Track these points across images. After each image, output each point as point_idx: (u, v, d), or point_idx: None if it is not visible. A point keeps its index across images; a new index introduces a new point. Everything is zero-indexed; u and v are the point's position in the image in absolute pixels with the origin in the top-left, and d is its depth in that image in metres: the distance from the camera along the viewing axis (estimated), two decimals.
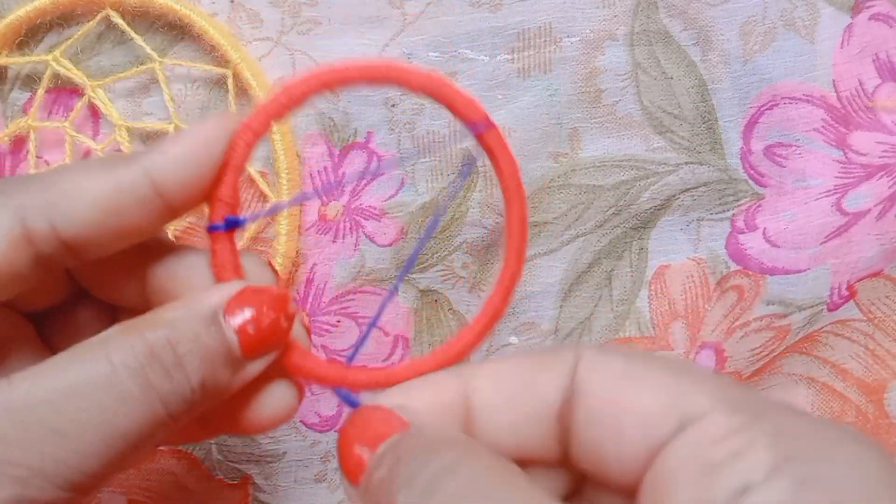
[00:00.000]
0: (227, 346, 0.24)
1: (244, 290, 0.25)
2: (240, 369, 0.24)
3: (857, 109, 0.39)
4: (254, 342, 0.24)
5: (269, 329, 0.24)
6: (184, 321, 0.24)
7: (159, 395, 0.23)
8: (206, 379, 0.24)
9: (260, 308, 0.24)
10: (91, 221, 0.23)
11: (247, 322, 0.24)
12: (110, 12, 0.37)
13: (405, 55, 0.38)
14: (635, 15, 0.38)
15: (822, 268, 0.40)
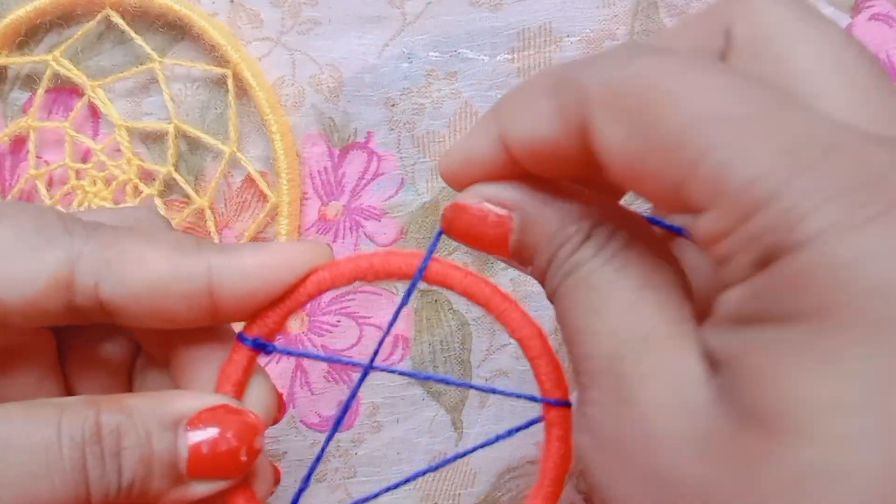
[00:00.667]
0: (174, 458, 0.23)
1: (218, 407, 0.23)
2: (179, 485, 0.23)
3: None
4: (205, 463, 0.23)
5: (226, 456, 0.23)
6: (143, 415, 0.23)
7: (86, 478, 0.22)
8: (136, 481, 0.22)
9: (225, 431, 0.23)
10: (135, 295, 0.23)
11: (204, 441, 0.23)
12: (110, 12, 0.37)
13: (405, 55, 0.38)
14: (635, 15, 0.38)
15: None
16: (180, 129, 0.38)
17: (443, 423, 0.40)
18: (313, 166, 0.39)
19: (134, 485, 0.23)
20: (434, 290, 0.40)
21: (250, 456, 0.23)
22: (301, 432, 0.40)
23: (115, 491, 0.22)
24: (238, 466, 0.23)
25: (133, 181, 0.39)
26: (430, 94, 0.38)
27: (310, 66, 0.38)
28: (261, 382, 0.25)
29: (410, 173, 0.39)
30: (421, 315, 0.40)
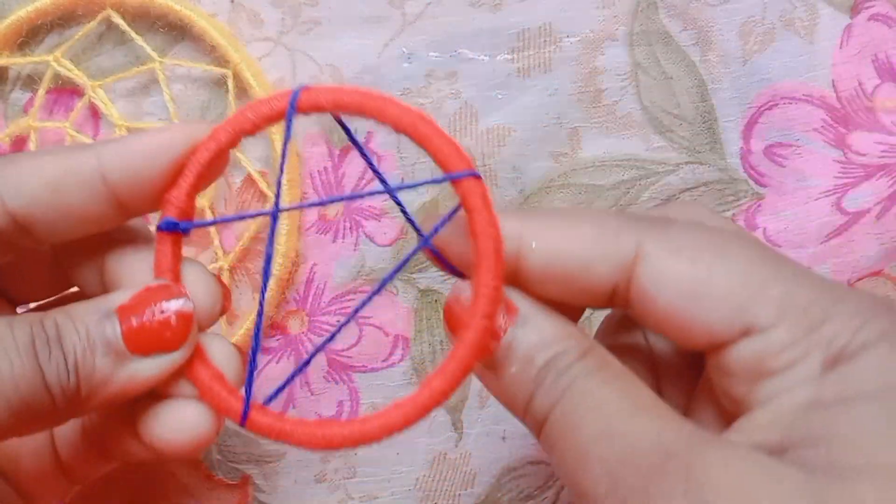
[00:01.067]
0: (110, 335, 0.24)
1: (142, 290, 0.25)
2: (123, 361, 0.24)
3: (857, 109, 0.39)
4: (137, 336, 0.24)
5: (156, 325, 0.24)
6: (80, 312, 0.24)
7: (38, 359, 0.23)
8: (80, 360, 0.24)
9: (148, 303, 0.24)
10: (38, 198, 0.24)
11: (133, 316, 0.24)
12: (111, 13, 0.38)
13: (405, 55, 0.38)
14: (635, 15, 0.38)
15: (822, 267, 0.40)
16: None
17: (443, 424, 0.40)
18: (313, 166, 0.39)
19: (80, 365, 0.24)
20: (434, 290, 0.40)
21: (181, 321, 0.25)
22: None
23: (65, 373, 0.24)
24: (173, 333, 0.24)
25: None
26: (430, 94, 0.38)
27: (310, 66, 0.38)
28: (193, 267, 0.26)
29: (410, 173, 0.39)
30: (421, 315, 0.40)
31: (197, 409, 0.25)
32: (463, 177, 0.24)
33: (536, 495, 0.41)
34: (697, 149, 0.39)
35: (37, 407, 0.23)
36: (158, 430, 0.25)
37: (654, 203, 0.40)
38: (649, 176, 0.39)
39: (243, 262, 0.39)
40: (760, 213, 0.40)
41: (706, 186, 0.40)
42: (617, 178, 0.39)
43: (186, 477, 0.40)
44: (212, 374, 0.25)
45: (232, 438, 0.40)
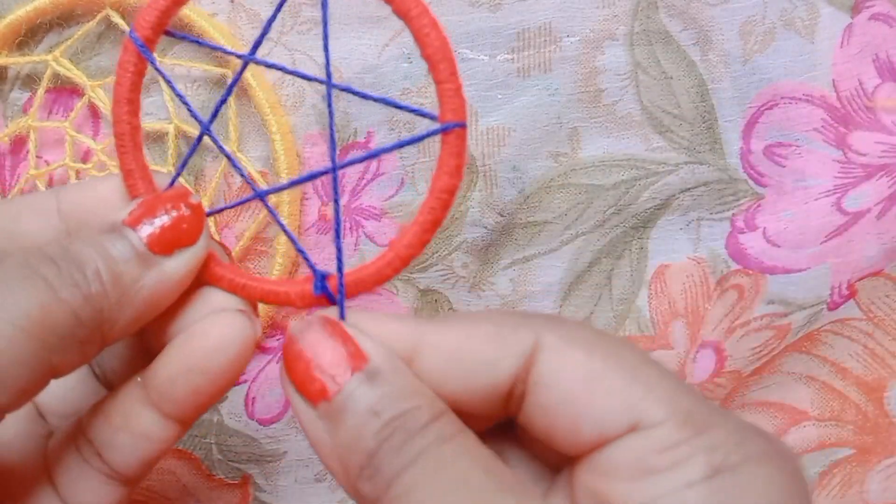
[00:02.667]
0: (129, 244, 0.24)
1: (145, 200, 0.25)
2: (150, 265, 0.24)
3: (857, 109, 0.39)
4: (157, 236, 0.24)
5: (173, 222, 0.25)
6: (81, 233, 0.24)
7: (44, 278, 0.22)
8: (100, 267, 0.23)
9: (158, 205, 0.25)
10: None
11: (146, 220, 0.24)
12: (110, 12, 0.37)
13: (405, 55, 0.38)
14: (635, 15, 0.38)
15: (822, 267, 0.40)
16: (180, 130, 0.38)
17: None
18: (313, 166, 0.39)
19: (100, 272, 0.23)
20: (434, 289, 0.40)
21: (194, 210, 0.25)
22: (301, 432, 0.40)
23: (85, 284, 0.23)
24: (189, 224, 0.25)
25: None
26: (430, 94, 0.38)
27: (310, 66, 0.38)
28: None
29: (410, 173, 0.39)
30: (421, 315, 0.40)
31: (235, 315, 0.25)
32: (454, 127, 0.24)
33: None
34: (697, 149, 0.39)
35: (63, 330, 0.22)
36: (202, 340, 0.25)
37: (654, 203, 0.40)
38: (649, 176, 0.39)
39: (244, 261, 0.39)
40: (760, 213, 0.40)
41: (706, 186, 0.40)
42: (617, 178, 0.39)
43: (186, 477, 0.40)
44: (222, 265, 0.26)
45: (232, 438, 0.40)
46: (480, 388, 0.23)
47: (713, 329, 0.41)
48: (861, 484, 0.45)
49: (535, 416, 0.23)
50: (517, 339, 0.23)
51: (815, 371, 0.44)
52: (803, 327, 0.42)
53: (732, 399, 0.43)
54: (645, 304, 0.41)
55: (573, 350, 0.23)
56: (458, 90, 0.24)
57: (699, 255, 0.41)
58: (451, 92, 0.24)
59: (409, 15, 0.23)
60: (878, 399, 0.44)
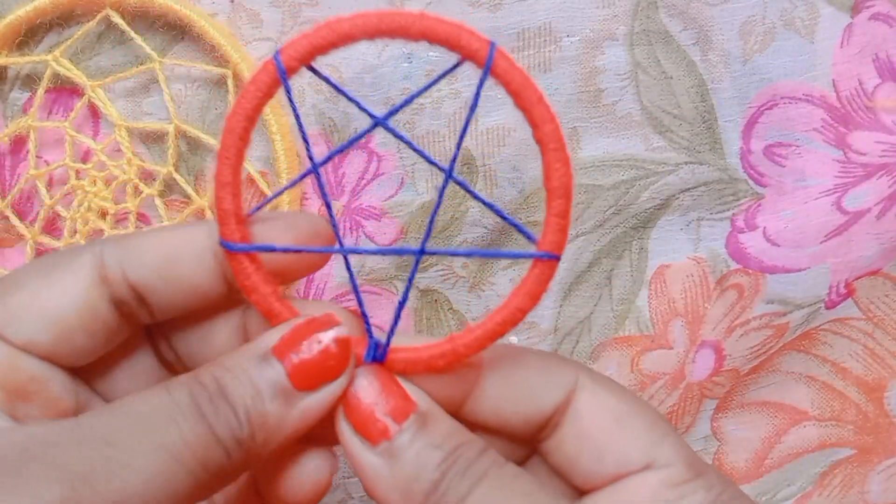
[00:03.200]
0: (274, 377, 0.24)
1: (292, 329, 0.25)
2: (293, 401, 0.24)
3: (857, 109, 0.39)
4: (303, 371, 0.24)
5: (320, 358, 0.24)
6: (235, 361, 0.24)
7: (208, 421, 0.23)
8: (250, 409, 0.24)
9: (306, 336, 0.24)
10: (155, 267, 0.25)
11: (293, 354, 0.24)
12: (110, 12, 0.37)
13: (405, 55, 0.38)
14: (635, 15, 0.38)
15: (821, 267, 0.40)
16: (181, 129, 0.38)
17: None
18: None
19: (251, 414, 0.24)
20: (434, 289, 0.40)
21: (341, 346, 0.25)
22: None
23: (237, 426, 0.23)
24: (336, 361, 0.25)
25: (133, 181, 0.39)
26: (429, 93, 0.38)
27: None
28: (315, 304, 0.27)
29: (410, 173, 0.39)
30: (421, 315, 0.40)
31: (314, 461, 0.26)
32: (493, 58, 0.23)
33: None
34: (697, 149, 0.39)
35: (213, 466, 0.23)
36: (284, 492, 0.26)
37: (654, 203, 0.40)
38: (649, 176, 0.39)
39: None
40: (760, 213, 0.40)
41: (706, 186, 0.40)
42: (616, 178, 0.39)
43: None
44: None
45: None
46: (528, 412, 0.27)
47: (713, 329, 0.41)
48: (862, 485, 0.45)
49: (564, 445, 0.27)
50: (563, 373, 0.27)
51: (814, 371, 0.44)
52: (801, 326, 0.42)
53: (731, 398, 0.43)
54: (645, 303, 0.41)
55: (607, 393, 0.27)
56: (566, 227, 0.25)
57: (699, 255, 0.41)
58: (559, 227, 0.25)
59: (546, 146, 0.24)
60: (878, 399, 0.44)
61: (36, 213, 0.39)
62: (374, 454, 0.25)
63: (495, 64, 0.23)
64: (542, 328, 0.41)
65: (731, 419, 0.44)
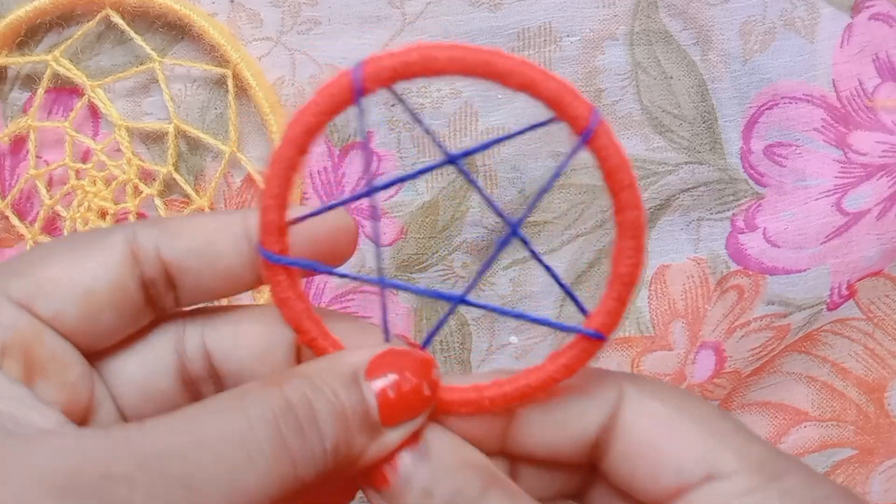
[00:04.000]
0: (366, 409, 0.23)
1: (387, 353, 0.24)
2: (376, 436, 0.23)
3: (857, 109, 0.39)
4: (394, 407, 0.23)
5: (411, 395, 0.23)
6: (323, 378, 0.23)
7: (291, 454, 0.22)
8: (339, 442, 0.22)
9: (403, 373, 0.23)
10: (190, 248, 0.25)
11: (388, 386, 0.23)
12: (110, 12, 0.37)
13: None
14: (635, 14, 0.38)
15: (822, 267, 0.40)
16: (180, 129, 0.38)
17: None
18: (313, 166, 0.39)
19: (338, 448, 0.22)
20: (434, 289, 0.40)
21: (433, 389, 0.24)
22: None
23: (321, 459, 0.22)
24: (424, 402, 0.23)
25: (133, 181, 0.39)
26: (429, 94, 0.38)
27: (310, 66, 0.38)
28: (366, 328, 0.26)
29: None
30: (421, 315, 0.40)
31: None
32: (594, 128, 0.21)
33: None
34: (697, 149, 0.39)
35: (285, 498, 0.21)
36: None
37: (654, 203, 0.40)
38: (649, 176, 0.39)
39: None
40: (760, 213, 0.40)
41: (706, 186, 0.40)
42: None
43: None
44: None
45: None
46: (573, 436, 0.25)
47: (713, 330, 0.41)
48: (863, 485, 0.45)
49: (618, 464, 0.25)
50: (604, 388, 0.25)
51: (815, 371, 0.44)
52: (803, 328, 0.42)
53: (732, 399, 0.43)
54: (645, 304, 0.41)
55: (653, 401, 0.25)
56: (621, 313, 0.24)
57: (699, 256, 0.41)
58: (615, 311, 0.23)
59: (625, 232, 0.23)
60: (878, 399, 0.44)
61: (36, 212, 0.39)
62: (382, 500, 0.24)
63: (595, 136, 0.22)
64: (543, 328, 0.41)
65: None
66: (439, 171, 0.39)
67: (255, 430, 0.21)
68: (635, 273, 0.23)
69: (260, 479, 0.21)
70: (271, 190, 0.23)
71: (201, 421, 0.21)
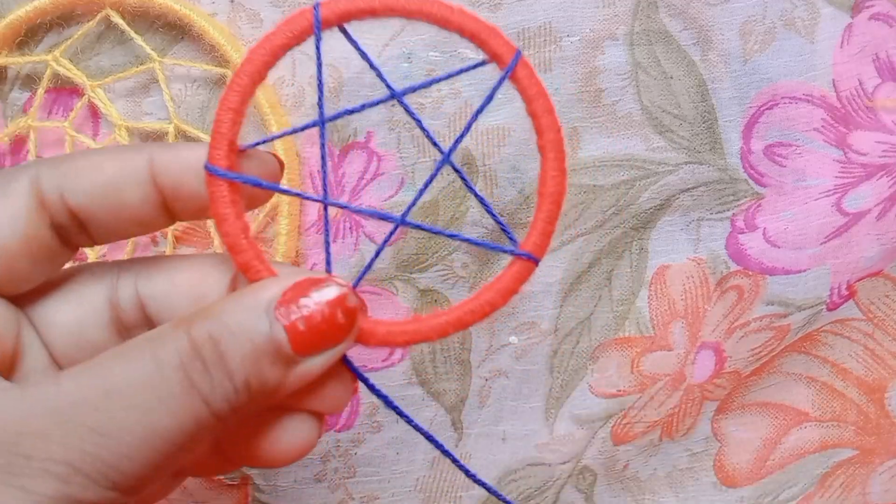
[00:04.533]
0: (276, 342, 0.23)
1: (301, 283, 0.23)
2: (292, 367, 0.23)
3: (857, 109, 0.39)
4: (306, 337, 0.23)
5: (323, 325, 0.23)
6: (231, 314, 0.23)
7: (201, 394, 0.22)
8: (250, 378, 0.22)
9: (315, 302, 0.23)
10: (95, 194, 0.25)
11: (298, 318, 0.23)
12: (110, 12, 0.37)
13: (405, 54, 0.38)
14: (635, 14, 0.38)
15: (822, 268, 0.40)
16: (180, 129, 0.38)
17: (442, 423, 0.40)
18: (313, 166, 0.39)
19: (250, 383, 0.23)
20: (433, 289, 0.40)
21: (348, 316, 0.23)
22: None
23: (233, 395, 0.22)
24: (340, 329, 0.23)
25: None
26: (430, 93, 0.38)
27: (310, 65, 0.38)
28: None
29: (410, 173, 0.39)
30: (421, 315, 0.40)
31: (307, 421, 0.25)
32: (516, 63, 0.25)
33: (536, 496, 0.41)
34: (697, 149, 0.39)
35: (204, 432, 0.22)
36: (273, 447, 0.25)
37: (654, 203, 0.40)
38: (649, 176, 0.39)
39: None
40: (760, 213, 0.40)
41: (706, 186, 0.40)
42: (616, 178, 0.39)
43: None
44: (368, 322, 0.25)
45: None
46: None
47: (713, 330, 0.41)
48: (863, 486, 0.45)
49: None
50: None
51: (815, 372, 0.44)
52: (802, 328, 0.42)
53: (733, 400, 0.43)
54: (645, 304, 0.41)
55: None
56: (551, 233, 0.25)
57: (699, 256, 0.40)
58: (545, 231, 0.25)
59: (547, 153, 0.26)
60: (878, 400, 0.44)
61: None
62: None
63: (516, 69, 0.25)
64: (543, 328, 0.41)
65: (731, 420, 0.44)
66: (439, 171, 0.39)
67: (163, 374, 0.22)
68: (561, 192, 0.25)
69: (173, 421, 0.22)
70: (227, 104, 0.24)
71: (112, 369, 0.22)
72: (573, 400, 0.41)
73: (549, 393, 0.41)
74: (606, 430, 0.42)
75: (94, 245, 0.26)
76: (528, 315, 0.40)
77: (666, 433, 0.43)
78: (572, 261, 0.40)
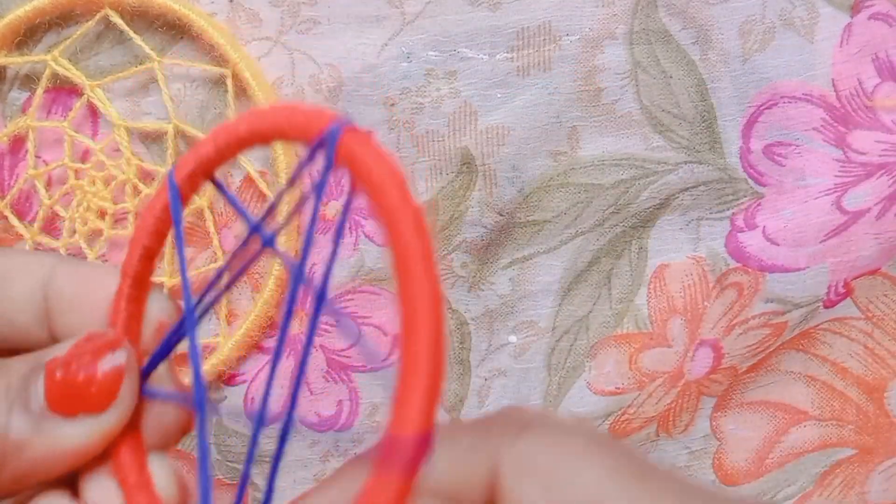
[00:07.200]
0: (32, 391, 0.21)
1: (81, 339, 0.21)
2: (43, 423, 0.21)
3: (857, 108, 0.39)
4: (58, 390, 0.20)
5: (83, 381, 0.21)
6: (11, 363, 0.21)
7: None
8: None
9: (77, 351, 0.21)
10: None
11: (57, 366, 0.21)
12: (109, 12, 0.37)
13: (404, 54, 0.38)
14: (635, 14, 0.38)
15: (820, 266, 0.40)
16: (180, 129, 0.38)
17: None
18: (313, 166, 0.39)
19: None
20: None
21: (110, 375, 0.21)
22: (300, 432, 0.40)
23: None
24: (99, 389, 0.21)
25: (132, 181, 0.39)
26: (429, 93, 0.38)
27: (309, 65, 0.38)
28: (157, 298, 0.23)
29: (410, 173, 0.39)
30: None
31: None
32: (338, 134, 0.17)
33: None
34: (697, 148, 0.39)
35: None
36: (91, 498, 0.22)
37: (654, 202, 0.40)
38: (648, 175, 0.39)
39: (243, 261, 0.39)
40: (760, 213, 0.40)
41: (705, 186, 0.40)
42: (616, 178, 0.39)
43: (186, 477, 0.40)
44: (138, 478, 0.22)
45: (231, 438, 0.40)
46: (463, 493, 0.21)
47: (712, 327, 0.41)
48: (862, 485, 0.45)
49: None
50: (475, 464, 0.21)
51: (814, 371, 0.44)
52: (799, 325, 0.42)
53: (731, 397, 0.43)
54: (644, 302, 0.41)
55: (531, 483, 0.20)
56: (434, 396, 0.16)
57: (699, 255, 0.41)
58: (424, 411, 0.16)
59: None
60: (878, 399, 0.44)
61: (35, 212, 0.39)
62: None
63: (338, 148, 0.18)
64: (541, 326, 0.41)
65: (730, 419, 0.44)
66: (438, 171, 0.39)
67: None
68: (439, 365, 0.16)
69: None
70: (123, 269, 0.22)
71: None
72: (571, 398, 0.41)
73: (547, 391, 0.41)
74: (605, 429, 0.42)
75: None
76: (527, 314, 0.40)
77: (663, 428, 0.43)
78: (571, 260, 0.40)
